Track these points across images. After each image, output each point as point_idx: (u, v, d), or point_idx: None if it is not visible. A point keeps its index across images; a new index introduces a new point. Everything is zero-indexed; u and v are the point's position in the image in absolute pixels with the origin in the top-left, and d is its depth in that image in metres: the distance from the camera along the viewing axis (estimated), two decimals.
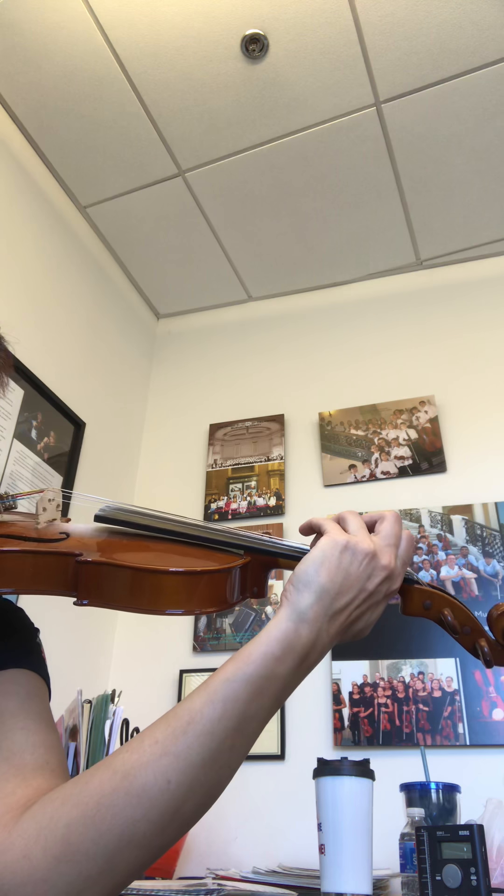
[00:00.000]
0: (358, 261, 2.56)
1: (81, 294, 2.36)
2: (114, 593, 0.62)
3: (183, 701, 0.56)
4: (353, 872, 1.02)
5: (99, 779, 0.52)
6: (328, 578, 0.61)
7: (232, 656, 0.58)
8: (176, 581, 0.62)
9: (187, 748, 0.52)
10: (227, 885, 1.19)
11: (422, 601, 0.69)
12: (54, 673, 0.73)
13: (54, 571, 0.63)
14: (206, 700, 0.55)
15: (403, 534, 0.67)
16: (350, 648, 1.92)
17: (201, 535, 0.70)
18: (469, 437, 2.17)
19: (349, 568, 0.62)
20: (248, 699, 0.55)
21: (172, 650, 2.09)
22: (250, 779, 1.83)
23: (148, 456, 2.54)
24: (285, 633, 0.58)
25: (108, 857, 0.49)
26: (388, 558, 0.64)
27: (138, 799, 0.50)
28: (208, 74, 1.97)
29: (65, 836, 0.49)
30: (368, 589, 0.62)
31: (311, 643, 0.59)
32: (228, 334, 2.73)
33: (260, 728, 0.57)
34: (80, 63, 1.95)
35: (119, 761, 0.53)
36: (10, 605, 0.77)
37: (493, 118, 2.05)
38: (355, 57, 1.91)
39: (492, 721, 1.72)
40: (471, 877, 0.91)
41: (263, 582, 0.69)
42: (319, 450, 2.31)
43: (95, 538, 0.70)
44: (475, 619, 0.69)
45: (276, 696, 0.57)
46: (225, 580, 0.64)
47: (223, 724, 0.54)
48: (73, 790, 0.52)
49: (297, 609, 0.59)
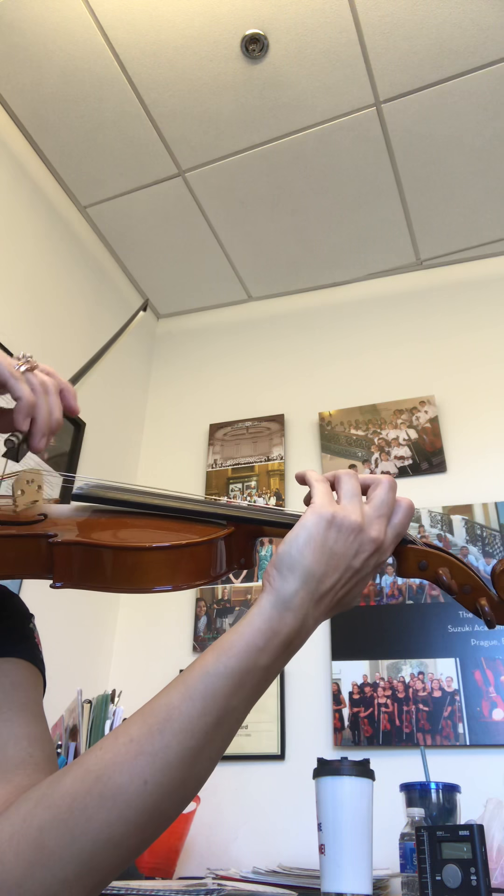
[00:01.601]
0: (358, 261, 2.56)
1: (81, 294, 2.36)
2: (90, 574, 0.60)
3: (160, 694, 0.53)
4: (353, 872, 1.02)
5: (72, 779, 0.49)
6: (314, 560, 0.57)
7: (212, 644, 0.55)
8: (156, 557, 0.60)
9: (164, 747, 0.50)
10: (227, 885, 1.19)
11: (417, 561, 0.65)
12: (54, 673, 0.72)
13: (27, 554, 0.61)
14: (184, 695, 0.52)
15: (400, 502, 0.62)
16: (350, 648, 1.92)
17: (183, 507, 0.67)
18: (469, 437, 2.17)
19: (334, 546, 0.58)
20: (229, 694, 0.52)
21: (172, 650, 2.09)
22: (250, 779, 1.83)
23: (148, 456, 2.54)
24: (269, 622, 0.55)
25: (83, 860, 0.47)
26: (377, 530, 0.59)
27: (113, 801, 0.48)
28: (208, 74, 1.97)
29: (38, 840, 0.47)
30: (355, 566, 0.58)
31: (297, 630, 0.56)
32: (228, 334, 2.73)
33: (242, 719, 0.54)
34: (80, 63, 1.95)
35: (92, 760, 0.50)
36: (4, 590, 0.75)
37: (493, 118, 2.05)
38: (355, 57, 1.91)
39: (492, 721, 1.72)
40: (471, 877, 0.91)
41: (251, 552, 0.67)
42: (319, 450, 2.31)
43: (75, 518, 0.67)
44: (475, 576, 0.65)
45: (257, 687, 0.55)
46: (209, 552, 0.62)
47: (203, 721, 0.51)
48: (48, 790, 0.50)
49: (282, 596, 0.56)
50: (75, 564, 0.61)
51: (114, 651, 2.16)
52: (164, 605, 2.17)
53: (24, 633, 0.71)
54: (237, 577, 2.13)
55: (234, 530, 0.64)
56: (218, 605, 2.10)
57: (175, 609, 2.15)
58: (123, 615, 2.21)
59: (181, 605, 2.15)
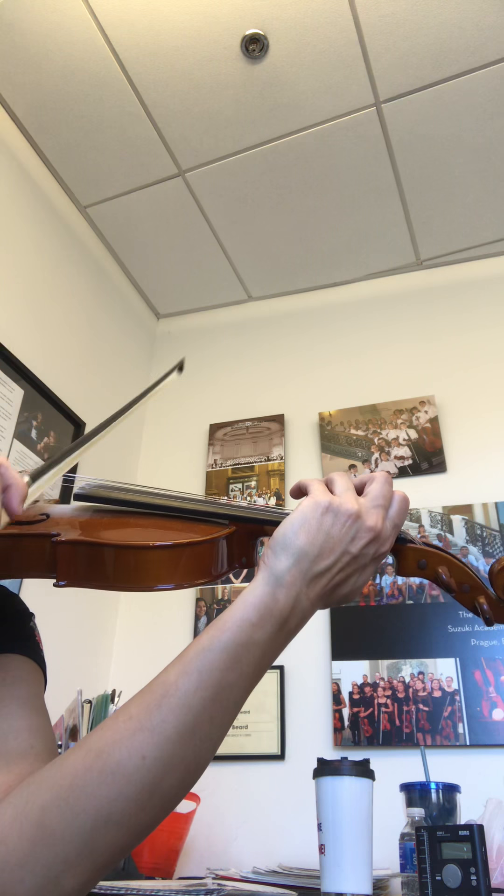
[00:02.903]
0: (358, 261, 2.56)
1: (81, 294, 2.36)
2: (93, 572, 0.61)
3: (158, 674, 0.54)
4: (353, 872, 1.02)
5: (73, 759, 0.50)
6: (307, 541, 0.58)
7: (208, 625, 0.56)
8: (159, 556, 0.60)
9: (162, 722, 0.51)
10: (227, 885, 1.19)
11: (416, 560, 0.66)
12: (55, 673, 0.73)
13: (31, 553, 0.62)
14: (180, 671, 0.53)
15: (395, 494, 0.64)
16: (350, 648, 1.92)
17: (185, 507, 0.68)
18: (469, 437, 2.17)
19: (330, 530, 0.59)
20: (225, 668, 0.53)
21: (172, 650, 2.06)
22: (250, 779, 1.83)
23: (148, 456, 2.54)
24: (261, 597, 0.56)
25: (84, 837, 0.48)
26: (375, 519, 0.61)
27: (112, 777, 0.49)
28: (208, 74, 1.97)
29: (39, 819, 0.48)
30: (352, 552, 0.59)
31: (290, 608, 0.57)
32: (228, 334, 2.73)
33: (242, 698, 0.55)
34: (80, 63, 1.95)
35: (93, 740, 0.51)
36: (4, 590, 0.76)
37: (493, 118, 2.05)
38: (355, 57, 1.91)
39: (492, 721, 1.72)
40: (471, 877, 0.91)
41: (251, 551, 0.67)
42: (319, 450, 2.32)
43: (77, 517, 0.68)
44: (474, 575, 0.66)
45: (256, 664, 0.55)
46: (210, 551, 0.62)
47: (199, 696, 0.52)
48: (49, 772, 0.51)
49: (274, 573, 0.58)
50: (79, 563, 0.61)
51: (114, 651, 2.16)
52: (164, 604, 2.17)
53: (24, 632, 0.72)
54: (237, 577, 2.13)
55: (235, 529, 0.65)
56: (218, 605, 2.10)
57: (175, 609, 2.15)
58: (123, 615, 2.21)
59: (181, 605, 2.15)
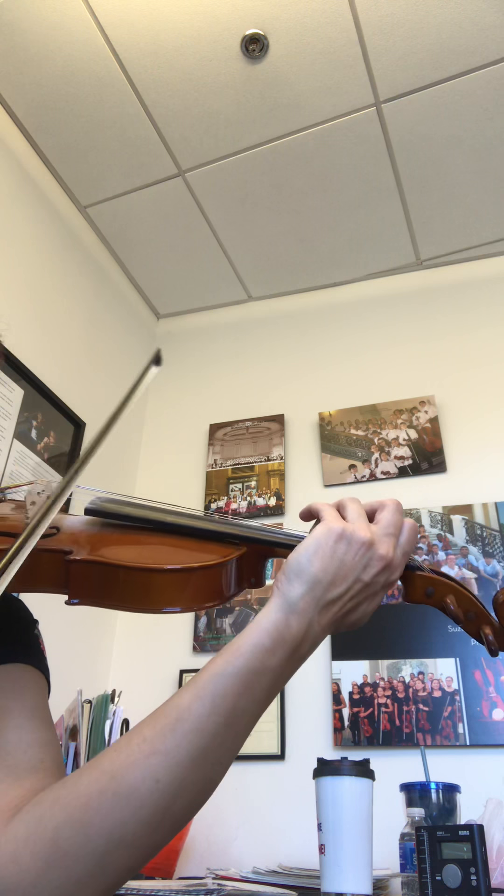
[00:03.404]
0: (358, 261, 2.56)
1: (81, 294, 2.36)
2: (106, 592, 0.60)
3: (172, 697, 0.55)
4: (353, 872, 1.02)
5: (87, 780, 0.51)
6: (321, 568, 0.59)
7: (221, 650, 0.56)
8: (170, 578, 0.60)
9: (176, 746, 0.51)
10: (227, 885, 1.19)
11: (424, 588, 0.66)
12: (55, 673, 0.72)
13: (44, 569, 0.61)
14: (194, 696, 0.53)
15: (405, 522, 0.64)
16: (350, 648, 1.92)
17: (196, 526, 0.68)
18: (469, 437, 2.17)
19: (344, 557, 0.59)
20: (238, 694, 0.53)
21: (172, 650, 2.09)
22: (250, 779, 1.83)
23: (148, 456, 2.54)
24: (275, 624, 0.56)
25: (97, 859, 0.48)
26: (387, 548, 0.61)
27: (126, 800, 0.49)
28: (208, 74, 1.97)
29: (53, 840, 0.48)
30: (364, 580, 0.60)
31: (302, 634, 0.57)
32: (228, 334, 2.73)
33: (252, 723, 0.55)
34: (80, 63, 1.95)
35: (107, 761, 0.51)
36: (8, 597, 0.75)
37: (493, 118, 2.05)
38: (355, 57, 1.91)
39: (492, 721, 1.72)
40: (471, 877, 0.91)
41: (261, 572, 0.67)
42: (319, 450, 2.31)
43: (87, 532, 0.68)
44: (480, 605, 0.66)
45: (267, 690, 0.55)
46: (220, 574, 0.62)
47: (213, 721, 0.52)
48: (62, 791, 0.51)
49: (288, 600, 0.58)
50: (92, 582, 0.61)
51: (114, 651, 2.16)
52: None
53: (29, 640, 0.71)
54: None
55: (245, 551, 0.65)
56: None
57: None
58: (124, 616, 2.21)
59: None
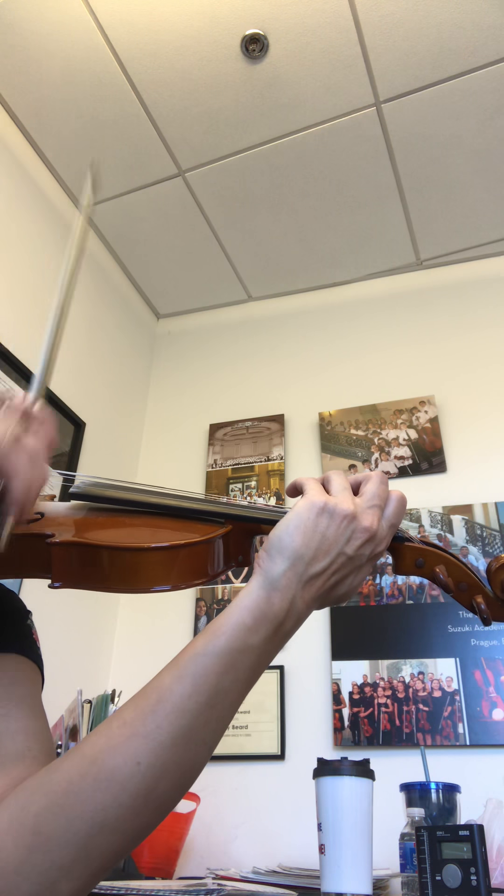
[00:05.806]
0: (358, 261, 2.56)
1: (81, 294, 2.36)
2: (88, 574, 0.60)
3: (153, 679, 0.54)
4: (353, 872, 1.02)
5: (68, 765, 0.50)
6: (302, 543, 0.58)
7: (203, 629, 0.56)
8: (154, 557, 0.60)
9: (157, 728, 0.50)
10: (227, 885, 1.19)
11: (413, 559, 0.65)
12: (55, 673, 0.72)
13: (25, 554, 0.61)
14: (175, 677, 0.53)
15: (392, 494, 0.63)
16: (350, 648, 1.92)
17: (180, 506, 0.67)
18: (469, 437, 2.17)
19: (326, 531, 0.58)
20: (220, 673, 0.53)
21: (172, 650, 2.06)
22: (250, 779, 1.83)
23: (148, 456, 2.54)
24: (256, 601, 0.56)
25: (81, 844, 0.48)
26: (371, 520, 0.60)
27: (107, 783, 0.49)
28: (208, 74, 1.97)
29: (35, 826, 0.48)
30: (348, 553, 0.59)
31: (285, 611, 0.56)
32: (228, 334, 2.73)
33: (238, 702, 0.55)
34: (80, 63, 1.95)
35: (88, 746, 0.51)
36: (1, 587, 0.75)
37: (493, 118, 2.05)
38: (355, 57, 1.91)
39: (492, 721, 1.72)
40: (471, 877, 0.91)
41: (248, 550, 0.67)
42: (319, 450, 2.31)
43: (72, 516, 0.67)
44: (472, 574, 0.65)
45: (251, 668, 0.55)
46: (206, 551, 0.62)
47: (194, 701, 0.52)
48: (44, 778, 0.51)
49: (269, 576, 0.57)
50: (74, 565, 0.60)
51: (114, 651, 2.16)
52: (164, 604, 2.17)
53: (21, 630, 0.71)
54: (237, 577, 2.13)
55: (231, 528, 0.64)
56: (217, 605, 2.10)
57: (175, 608, 2.15)
58: (123, 615, 2.21)
59: (181, 605, 2.15)
